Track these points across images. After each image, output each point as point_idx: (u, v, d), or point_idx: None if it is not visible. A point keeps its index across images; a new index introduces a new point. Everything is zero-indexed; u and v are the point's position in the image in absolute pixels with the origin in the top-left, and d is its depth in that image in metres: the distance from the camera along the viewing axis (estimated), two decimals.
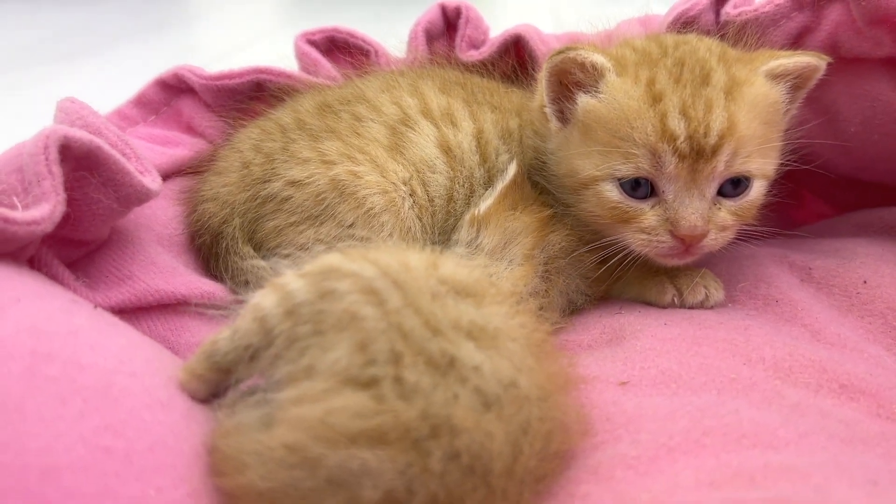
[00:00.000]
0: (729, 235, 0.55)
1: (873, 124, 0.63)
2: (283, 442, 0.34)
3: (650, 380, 0.45)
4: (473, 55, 0.67)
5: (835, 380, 0.47)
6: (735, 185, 0.53)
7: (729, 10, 0.63)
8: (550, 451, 0.37)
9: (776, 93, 0.54)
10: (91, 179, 0.46)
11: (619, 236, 0.55)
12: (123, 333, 0.41)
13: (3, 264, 0.40)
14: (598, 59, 0.53)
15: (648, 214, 0.53)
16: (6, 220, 0.39)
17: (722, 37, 0.65)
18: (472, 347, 0.37)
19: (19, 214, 0.39)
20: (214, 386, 0.40)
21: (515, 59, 0.68)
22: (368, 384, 0.35)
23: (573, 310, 0.60)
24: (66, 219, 0.44)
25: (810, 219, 0.78)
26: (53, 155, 0.42)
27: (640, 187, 0.53)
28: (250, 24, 2.20)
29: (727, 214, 0.53)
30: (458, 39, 0.68)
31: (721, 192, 0.53)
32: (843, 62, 0.63)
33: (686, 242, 0.53)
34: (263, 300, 0.39)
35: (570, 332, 0.55)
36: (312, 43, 0.66)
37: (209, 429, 0.37)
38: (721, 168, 0.51)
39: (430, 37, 0.68)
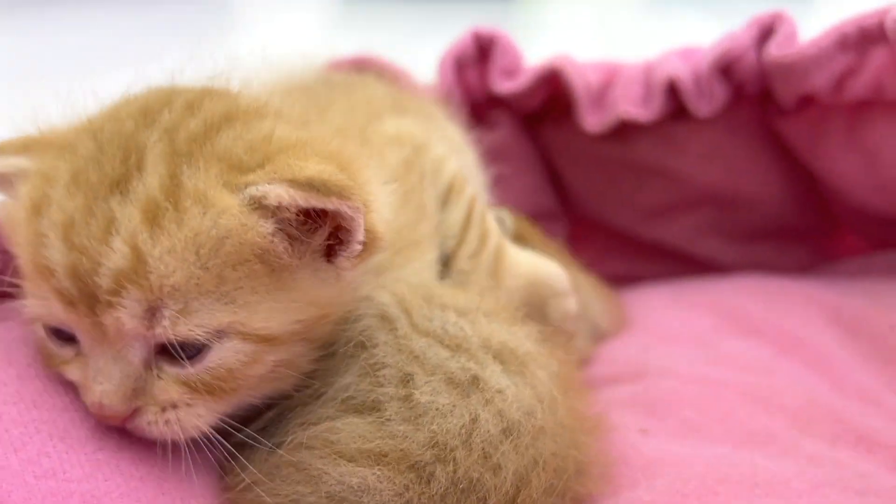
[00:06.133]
0: (200, 413, 0.37)
1: None
2: (290, 461, 0.37)
3: (670, 429, 0.47)
4: (508, 87, 0.68)
5: (852, 431, 0.49)
6: (182, 346, 0.35)
7: (772, 51, 0.63)
8: (561, 489, 0.38)
9: (258, 229, 0.35)
10: None
11: None
12: None
13: None
14: (3, 165, 0.38)
15: (73, 365, 0.37)
16: None
17: (765, 77, 0.66)
18: (499, 371, 0.39)
19: None
20: None
21: (546, 92, 0.70)
22: (374, 408, 0.37)
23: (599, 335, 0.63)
24: None
25: (847, 252, 0.77)
26: None
27: (60, 332, 0.37)
28: (294, 34, 2.25)
29: (172, 386, 0.36)
30: (491, 69, 0.69)
31: (167, 352, 0.35)
32: (888, 105, 0.63)
33: (111, 422, 0.36)
34: None
35: (594, 363, 0.57)
36: (342, 69, 0.68)
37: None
38: (129, 325, 0.34)
39: (461, 65, 0.70)
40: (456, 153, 0.56)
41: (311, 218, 0.36)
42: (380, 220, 0.37)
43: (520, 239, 0.62)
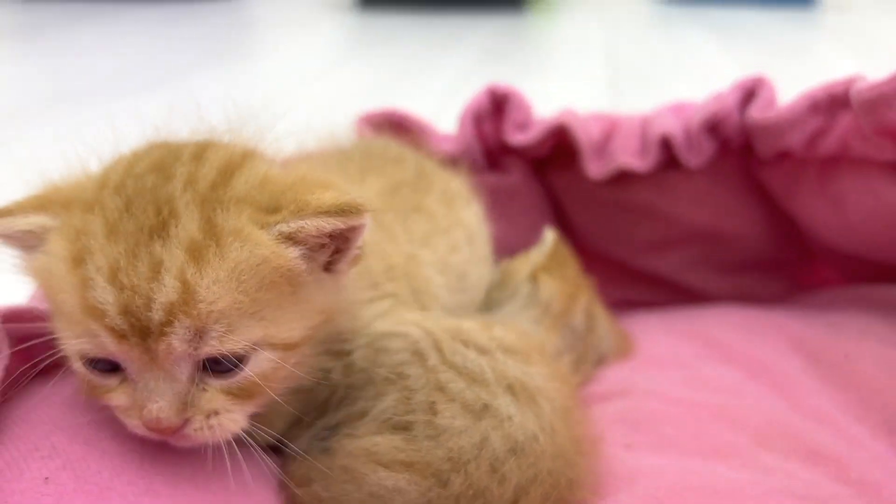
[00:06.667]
0: (237, 417, 0.43)
1: (877, 216, 0.71)
2: (339, 464, 0.47)
3: (650, 443, 0.57)
4: (521, 139, 0.78)
5: (804, 447, 0.58)
6: (224, 362, 0.41)
7: (753, 113, 0.72)
8: (555, 498, 0.47)
9: (286, 255, 0.41)
10: None
11: None
12: None
13: None
14: (26, 224, 0.42)
15: (118, 392, 0.42)
16: None
17: (747, 134, 0.75)
18: (510, 401, 0.48)
19: None
20: None
21: (554, 143, 0.80)
22: (406, 427, 0.47)
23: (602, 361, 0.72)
24: None
25: (822, 283, 0.86)
26: None
27: (98, 361, 0.41)
28: (315, 56, 2.33)
29: (217, 395, 0.42)
30: (506, 123, 0.79)
31: (209, 367, 0.41)
32: (852, 161, 0.72)
33: (163, 434, 0.41)
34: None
35: (589, 383, 0.67)
36: (371, 122, 0.77)
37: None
38: (180, 348, 0.39)
39: (478, 119, 0.79)
40: (467, 240, 0.64)
41: (328, 238, 0.42)
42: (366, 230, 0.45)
43: (554, 259, 0.70)
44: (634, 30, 2.80)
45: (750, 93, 0.75)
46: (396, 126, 0.77)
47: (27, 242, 0.43)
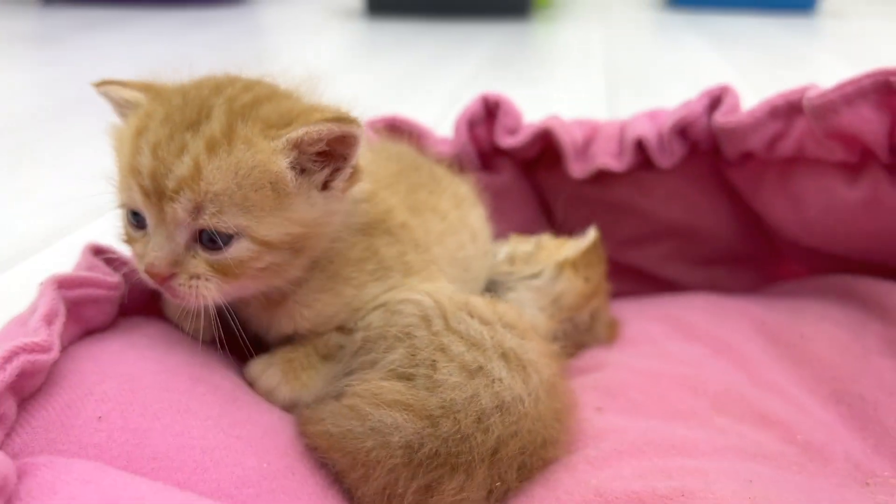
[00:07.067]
0: (212, 287, 0.53)
1: (830, 212, 0.79)
2: (347, 404, 0.53)
3: (618, 407, 0.64)
4: (510, 142, 0.86)
5: (757, 412, 0.65)
6: (213, 239, 0.52)
7: (718, 119, 0.80)
8: (530, 452, 0.54)
9: (278, 164, 0.51)
10: None
11: None
12: None
13: None
14: (128, 94, 0.56)
15: (140, 242, 0.54)
16: None
17: (714, 138, 0.83)
18: (502, 366, 0.54)
19: None
20: None
21: (541, 145, 0.87)
22: (409, 378, 0.54)
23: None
24: None
25: (787, 275, 0.94)
26: None
27: (137, 217, 0.54)
28: (324, 61, 2.39)
29: (201, 264, 0.53)
30: (497, 127, 0.86)
31: (202, 241, 0.52)
32: (808, 161, 0.79)
33: (155, 279, 0.53)
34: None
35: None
36: (374, 128, 0.84)
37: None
38: (181, 215, 0.50)
39: (472, 124, 0.87)
40: (471, 238, 0.73)
41: (323, 156, 0.52)
42: (363, 156, 0.54)
43: (586, 258, 0.77)
44: (635, 37, 2.87)
45: (716, 100, 0.82)
46: (398, 131, 0.85)
47: (122, 110, 0.57)
